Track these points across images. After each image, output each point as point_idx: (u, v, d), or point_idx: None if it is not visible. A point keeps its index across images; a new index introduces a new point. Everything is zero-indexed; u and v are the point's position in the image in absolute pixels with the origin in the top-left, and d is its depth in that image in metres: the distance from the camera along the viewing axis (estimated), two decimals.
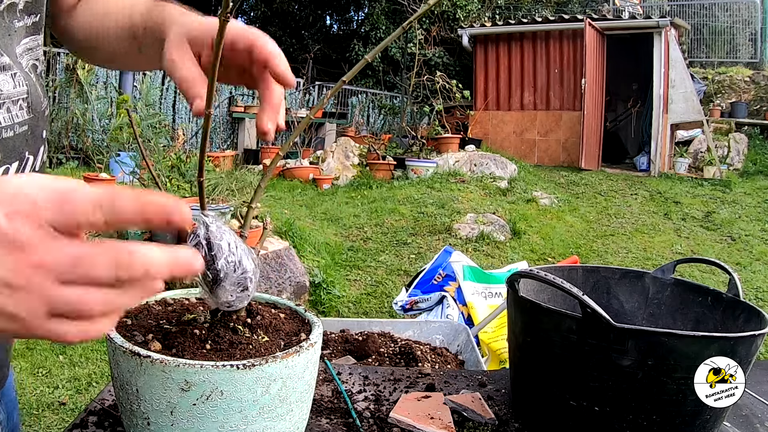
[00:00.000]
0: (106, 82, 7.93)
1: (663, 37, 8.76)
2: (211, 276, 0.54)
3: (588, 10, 11.29)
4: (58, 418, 2.62)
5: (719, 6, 11.62)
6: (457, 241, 5.40)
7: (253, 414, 0.53)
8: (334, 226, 5.79)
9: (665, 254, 5.64)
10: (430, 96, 9.02)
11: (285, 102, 0.67)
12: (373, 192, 7.06)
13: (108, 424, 0.73)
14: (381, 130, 11.06)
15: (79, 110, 6.58)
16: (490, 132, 9.89)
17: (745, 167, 8.95)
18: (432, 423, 0.77)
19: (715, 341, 0.67)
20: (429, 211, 6.22)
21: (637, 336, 0.67)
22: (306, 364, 0.57)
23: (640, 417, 0.70)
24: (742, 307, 0.83)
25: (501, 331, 1.98)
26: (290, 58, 9.10)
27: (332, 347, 1.35)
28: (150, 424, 0.54)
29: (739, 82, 10.24)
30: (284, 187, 7.14)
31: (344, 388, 0.89)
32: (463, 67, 11.13)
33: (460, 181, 7.43)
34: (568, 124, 9.34)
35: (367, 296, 4.36)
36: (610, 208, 7.13)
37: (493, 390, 0.92)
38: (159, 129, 5.21)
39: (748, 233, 6.31)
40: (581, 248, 5.67)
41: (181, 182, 4.53)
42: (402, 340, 1.42)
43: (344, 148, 8.41)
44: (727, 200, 7.46)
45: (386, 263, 4.95)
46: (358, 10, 15.39)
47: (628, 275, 1.00)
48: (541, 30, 9.52)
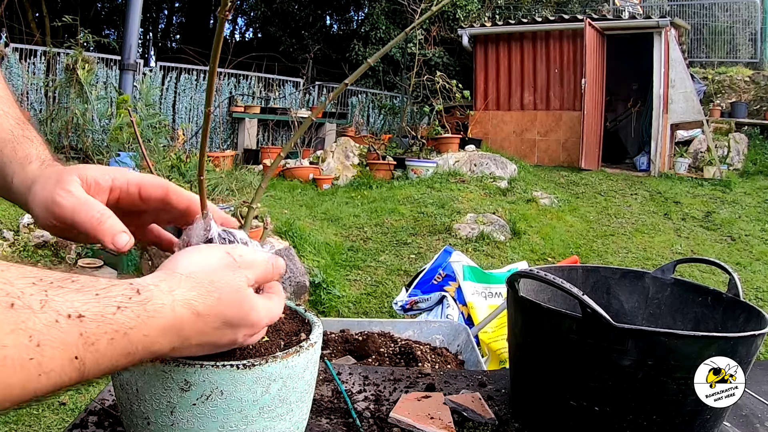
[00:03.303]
0: (106, 82, 7.93)
1: (663, 37, 8.76)
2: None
3: (588, 10, 11.29)
4: (58, 418, 2.62)
5: (719, 6, 11.61)
6: (457, 241, 5.40)
7: (253, 414, 0.53)
8: (334, 226, 5.78)
9: (665, 254, 5.64)
10: (430, 96, 9.01)
11: (285, 101, 0.68)
12: (373, 192, 7.06)
13: (108, 424, 0.73)
14: (381, 130, 11.06)
15: (79, 110, 6.58)
16: (490, 132, 9.89)
17: (745, 167, 8.95)
18: (432, 423, 0.77)
19: (715, 341, 0.67)
20: (429, 211, 6.22)
21: (637, 336, 0.67)
22: (306, 364, 0.57)
23: (640, 417, 0.70)
24: (742, 307, 0.83)
25: (501, 331, 1.98)
26: (290, 58, 9.10)
27: (332, 347, 1.35)
28: (150, 424, 0.53)
29: (739, 82, 10.23)
30: (284, 187, 7.14)
31: (344, 388, 0.89)
32: (463, 67, 11.13)
33: (460, 181, 7.43)
34: (568, 124, 9.34)
35: (367, 296, 4.36)
36: (610, 208, 7.13)
37: (493, 390, 0.92)
38: (159, 129, 5.21)
39: (748, 233, 6.31)
40: (581, 248, 5.66)
41: (181, 182, 4.53)
42: (402, 340, 1.42)
43: (344, 148, 8.41)
44: (727, 200, 7.45)
45: (386, 263, 4.95)
46: (358, 10, 15.39)
47: (628, 275, 1.00)
48: (541, 30, 9.52)
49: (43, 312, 0.35)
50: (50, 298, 0.36)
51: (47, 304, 0.36)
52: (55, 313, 0.36)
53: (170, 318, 0.43)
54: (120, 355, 0.40)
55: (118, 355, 0.40)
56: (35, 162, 0.59)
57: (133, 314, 0.41)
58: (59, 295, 0.37)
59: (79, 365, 0.37)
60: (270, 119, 9.43)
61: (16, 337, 0.34)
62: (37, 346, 0.35)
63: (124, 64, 6.17)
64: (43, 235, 5.04)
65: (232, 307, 0.48)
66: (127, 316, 0.40)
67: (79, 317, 0.37)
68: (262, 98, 10.03)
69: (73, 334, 0.37)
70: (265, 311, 0.52)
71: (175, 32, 19.20)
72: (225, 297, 0.48)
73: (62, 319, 0.36)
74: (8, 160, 0.60)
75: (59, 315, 0.36)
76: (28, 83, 7.55)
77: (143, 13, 7.69)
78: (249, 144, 9.16)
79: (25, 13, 11.42)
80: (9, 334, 0.33)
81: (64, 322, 0.36)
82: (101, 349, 0.38)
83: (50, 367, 0.35)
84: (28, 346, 0.34)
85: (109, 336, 0.39)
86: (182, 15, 18.77)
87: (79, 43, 6.61)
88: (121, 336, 0.40)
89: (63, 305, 0.37)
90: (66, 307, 0.37)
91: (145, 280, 0.44)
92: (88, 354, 0.38)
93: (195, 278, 0.47)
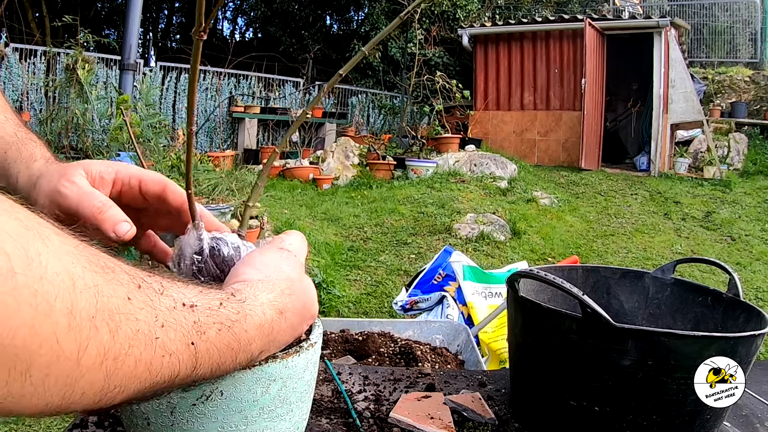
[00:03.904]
0: (106, 82, 7.93)
1: (663, 37, 8.76)
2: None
3: (588, 10, 11.29)
4: (59, 418, 2.62)
5: (719, 6, 11.62)
6: (457, 241, 5.40)
7: (253, 414, 0.53)
8: (334, 226, 5.79)
9: (665, 254, 5.63)
10: (430, 96, 9.02)
11: (285, 101, 0.69)
12: (373, 192, 7.06)
13: (108, 424, 0.73)
14: (381, 130, 11.07)
15: (79, 110, 6.58)
16: (490, 132, 9.89)
17: (745, 167, 8.95)
18: (432, 423, 0.77)
19: (715, 341, 0.67)
20: (429, 211, 6.22)
21: (637, 336, 0.67)
22: (306, 364, 0.57)
23: (640, 417, 0.70)
24: (742, 307, 0.83)
25: (501, 331, 1.98)
26: (290, 58, 9.10)
27: (332, 347, 1.35)
28: (150, 424, 0.53)
29: (739, 82, 10.23)
30: (284, 187, 7.14)
31: (344, 388, 0.89)
32: (463, 67, 11.13)
33: (460, 181, 7.43)
34: (568, 124, 9.34)
35: (367, 296, 4.36)
36: (610, 208, 7.13)
37: (493, 390, 0.92)
38: (159, 129, 5.21)
39: (748, 233, 6.31)
40: (581, 248, 5.66)
41: (181, 182, 4.53)
42: (402, 340, 1.42)
43: (344, 148, 8.41)
44: (727, 200, 7.45)
45: (386, 263, 4.95)
46: (358, 10, 15.39)
47: (628, 275, 1.00)
48: (541, 30, 9.52)
49: (164, 296, 0.38)
50: (166, 287, 0.38)
51: (165, 291, 0.38)
52: (172, 299, 0.38)
53: (262, 318, 0.46)
54: (226, 348, 0.42)
55: (224, 347, 0.42)
56: (40, 160, 0.60)
57: (234, 310, 0.43)
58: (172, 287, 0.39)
59: (194, 351, 0.39)
60: (270, 119, 9.43)
61: (146, 313, 0.35)
62: (162, 326, 0.36)
63: (124, 64, 6.17)
64: None
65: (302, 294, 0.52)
66: (231, 311, 0.43)
67: (191, 306, 0.39)
68: (262, 98, 10.03)
69: (189, 320, 0.39)
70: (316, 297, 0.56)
71: (175, 32, 19.20)
72: (296, 288, 0.51)
73: (179, 305, 0.38)
74: (13, 161, 0.61)
75: (176, 302, 0.38)
76: (28, 83, 7.55)
77: (143, 13, 7.69)
78: (249, 144, 9.16)
79: (25, 13, 11.42)
80: (141, 310, 0.35)
81: (180, 308, 0.38)
82: (211, 338, 0.40)
83: (171, 349, 0.37)
84: (155, 324, 0.36)
85: (217, 327, 0.41)
86: (182, 15, 18.76)
87: (79, 43, 6.62)
88: (227, 329, 0.42)
89: (177, 294, 0.39)
90: (180, 296, 0.39)
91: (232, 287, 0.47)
92: (201, 342, 0.39)
93: (269, 281, 0.49)
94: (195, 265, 0.58)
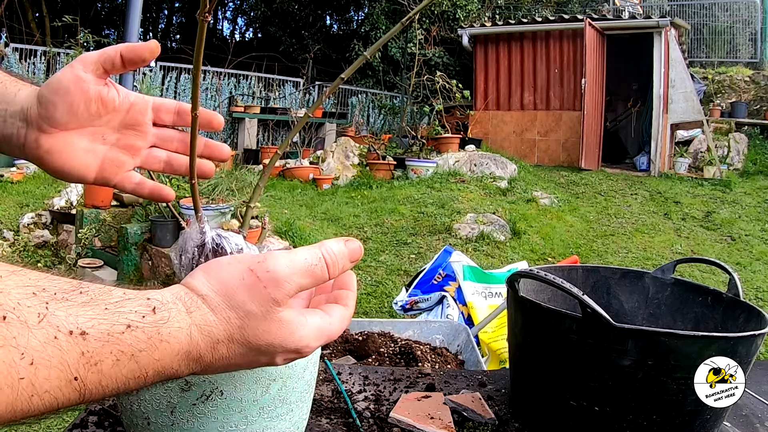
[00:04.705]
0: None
1: (663, 37, 8.76)
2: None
3: (588, 10, 11.29)
4: (58, 419, 2.62)
5: (719, 6, 11.61)
6: (457, 241, 5.40)
7: (253, 414, 0.53)
8: (334, 226, 5.79)
9: (665, 254, 5.63)
10: (430, 96, 9.02)
11: (285, 101, 0.69)
12: (373, 192, 7.06)
13: (108, 424, 0.73)
14: (381, 130, 11.06)
15: None
16: (490, 132, 9.89)
17: (745, 167, 8.95)
18: (432, 423, 0.77)
19: (715, 341, 0.67)
20: (429, 211, 6.22)
21: (637, 336, 0.67)
22: (306, 364, 0.57)
23: (640, 417, 0.70)
24: (742, 307, 0.83)
25: (501, 331, 1.98)
26: (290, 58, 9.08)
27: (332, 347, 1.35)
28: (150, 424, 0.53)
29: (739, 82, 10.23)
30: (284, 187, 7.14)
31: (344, 388, 0.89)
32: (463, 67, 11.13)
33: (460, 181, 7.43)
34: (568, 124, 9.34)
35: (367, 296, 4.36)
36: (610, 208, 7.13)
37: (493, 390, 0.92)
38: None
39: (748, 233, 6.31)
40: (581, 248, 5.66)
41: (181, 182, 4.53)
42: (402, 340, 1.42)
43: (344, 148, 8.41)
44: (727, 200, 7.45)
45: (386, 263, 4.95)
46: (358, 10, 15.40)
47: (628, 275, 1.00)
48: (541, 30, 9.52)
49: (40, 327, 0.32)
50: (51, 312, 0.33)
51: (46, 318, 0.33)
52: (54, 329, 0.33)
53: (186, 344, 0.39)
54: (127, 378, 0.37)
55: (125, 378, 0.37)
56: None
57: (144, 336, 0.37)
58: (62, 309, 0.34)
59: (79, 386, 0.34)
60: (270, 119, 9.44)
61: (5, 353, 0.31)
62: (30, 364, 0.32)
63: None
64: (43, 235, 5.04)
65: (260, 334, 0.42)
66: (137, 338, 0.37)
67: (81, 334, 0.34)
68: (262, 98, 10.03)
69: (74, 353, 0.33)
70: (314, 332, 0.44)
71: (175, 32, 19.20)
72: (250, 324, 0.42)
73: (62, 335, 0.33)
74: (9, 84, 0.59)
75: (59, 331, 0.33)
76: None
77: (143, 13, 7.68)
78: (249, 144, 9.16)
79: (25, 13, 11.42)
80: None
81: (64, 340, 0.33)
82: (105, 370, 0.35)
83: (45, 388, 0.33)
84: (17, 365, 0.31)
85: (115, 357, 0.35)
86: (182, 15, 18.77)
87: (79, 43, 6.62)
88: (128, 358, 0.36)
89: (65, 320, 0.34)
90: (68, 323, 0.34)
91: (164, 295, 0.40)
92: (90, 375, 0.35)
93: (214, 301, 0.41)
94: (195, 260, 0.58)
